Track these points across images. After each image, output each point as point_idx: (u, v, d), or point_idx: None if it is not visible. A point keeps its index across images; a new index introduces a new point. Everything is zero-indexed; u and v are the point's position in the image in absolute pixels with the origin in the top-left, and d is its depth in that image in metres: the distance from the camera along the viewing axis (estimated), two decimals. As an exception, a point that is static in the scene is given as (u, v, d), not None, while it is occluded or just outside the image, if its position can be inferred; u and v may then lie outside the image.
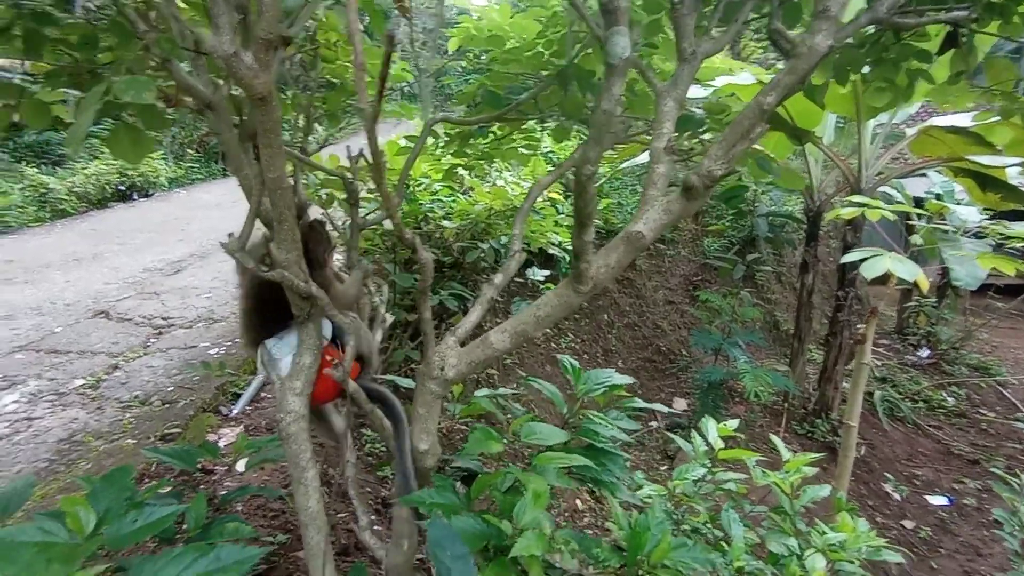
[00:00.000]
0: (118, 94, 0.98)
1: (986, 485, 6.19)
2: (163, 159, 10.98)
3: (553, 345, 6.36)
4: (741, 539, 2.31)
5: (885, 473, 6.46)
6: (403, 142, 3.04)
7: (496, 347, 1.54)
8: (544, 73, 2.20)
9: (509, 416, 1.84)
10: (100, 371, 3.91)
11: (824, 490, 2.69)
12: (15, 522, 1.38)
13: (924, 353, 8.94)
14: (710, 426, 2.81)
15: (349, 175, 1.87)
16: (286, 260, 1.45)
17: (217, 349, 4.22)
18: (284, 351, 1.69)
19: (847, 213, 3.80)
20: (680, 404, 6.86)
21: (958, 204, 6.03)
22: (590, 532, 3.67)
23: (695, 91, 3.25)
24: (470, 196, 3.96)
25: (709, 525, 2.56)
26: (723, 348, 6.46)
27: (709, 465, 2.68)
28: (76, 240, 7.34)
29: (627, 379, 2.12)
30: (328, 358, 1.70)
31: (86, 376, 3.84)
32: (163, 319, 4.84)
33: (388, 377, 2.44)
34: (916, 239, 3.88)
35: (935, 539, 5.64)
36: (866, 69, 1.93)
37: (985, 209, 5.58)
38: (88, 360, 4.09)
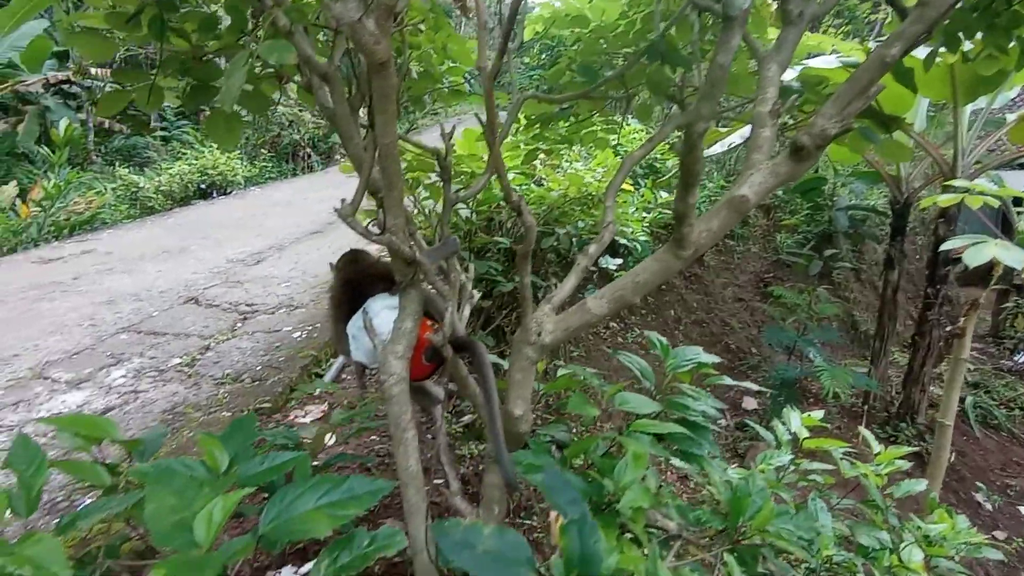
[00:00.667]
0: (264, 56, 1.06)
1: (1087, 497, 5.83)
2: (240, 159, 11.51)
3: (620, 340, 6.32)
4: (829, 528, 2.24)
5: (976, 482, 6.11)
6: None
7: (594, 312, 1.56)
8: (629, 50, 2.20)
9: (601, 387, 1.86)
10: (194, 351, 4.14)
11: (920, 484, 2.57)
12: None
13: (1021, 358, 8.42)
14: (793, 416, 2.72)
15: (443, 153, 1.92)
16: (394, 226, 1.52)
17: (299, 333, 4.40)
18: (378, 308, 1.78)
19: (945, 200, 3.61)
20: (751, 403, 6.69)
21: (1065, 198, 5.65)
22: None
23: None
24: (544, 185, 3.99)
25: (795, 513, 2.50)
26: (797, 346, 6.26)
27: (792, 455, 2.61)
28: (164, 234, 7.77)
29: (714, 358, 2.10)
30: (428, 323, 1.76)
31: (182, 355, 4.08)
32: (247, 305, 5.08)
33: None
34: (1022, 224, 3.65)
35: (1030, 553, 5.30)
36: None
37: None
38: (183, 341, 4.33)
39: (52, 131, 9.81)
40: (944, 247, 4.09)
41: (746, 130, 5.58)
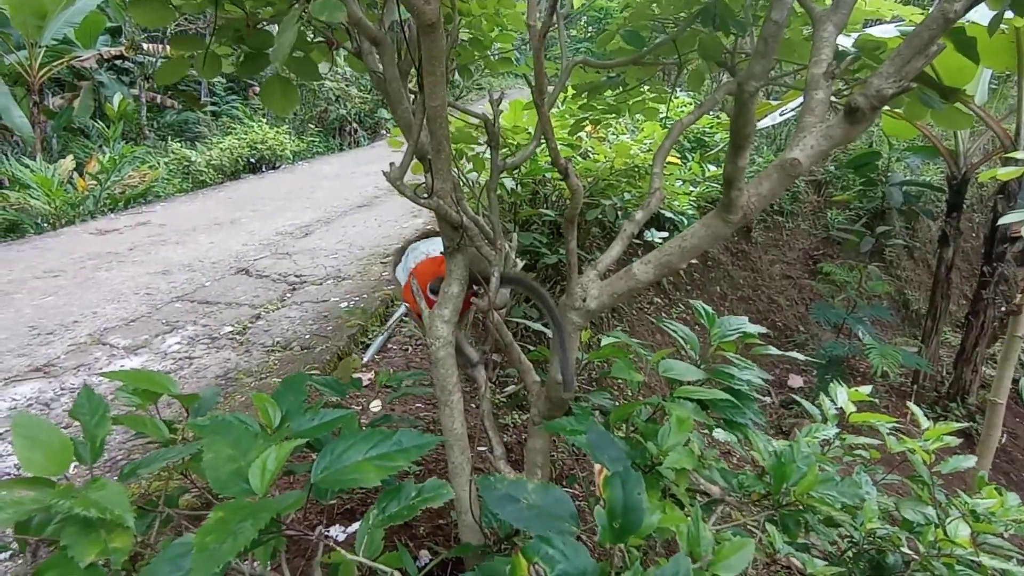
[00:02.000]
0: (315, 13, 1.08)
1: None
2: (288, 134, 11.71)
3: (664, 315, 6.28)
4: (874, 501, 2.21)
5: (1030, 466, 5.92)
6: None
7: (639, 278, 1.55)
8: (682, 15, 2.16)
9: (645, 355, 1.86)
10: (245, 320, 4.28)
11: (968, 460, 2.50)
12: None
13: (1081, 339, 8.07)
14: (840, 391, 2.67)
15: (491, 119, 1.93)
16: (441, 190, 1.54)
17: (346, 303, 4.50)
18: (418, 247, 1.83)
19: (1005, 173, 3.47)
20: (796, 381, 6.58)
21: None
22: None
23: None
24: (590, 157, 3.97)
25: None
26: (846, 323, 6.12)
27: (838, 430, 2.57)
28: (215, 207, 7.99)
29: (760, 328, 2.07)
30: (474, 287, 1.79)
31: (233, 324, 4.22)
32: (296, 276, 5.21)
33: (516, 320, 2.53)
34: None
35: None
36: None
37: None
38: (234, 310, 4.48)
39: (107, 106, 10.13)
40: (1003, 221, 3.93)
41: (797, 101, 5.41)
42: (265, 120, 11.73)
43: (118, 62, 11.18)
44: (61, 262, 5.63)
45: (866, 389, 2.63)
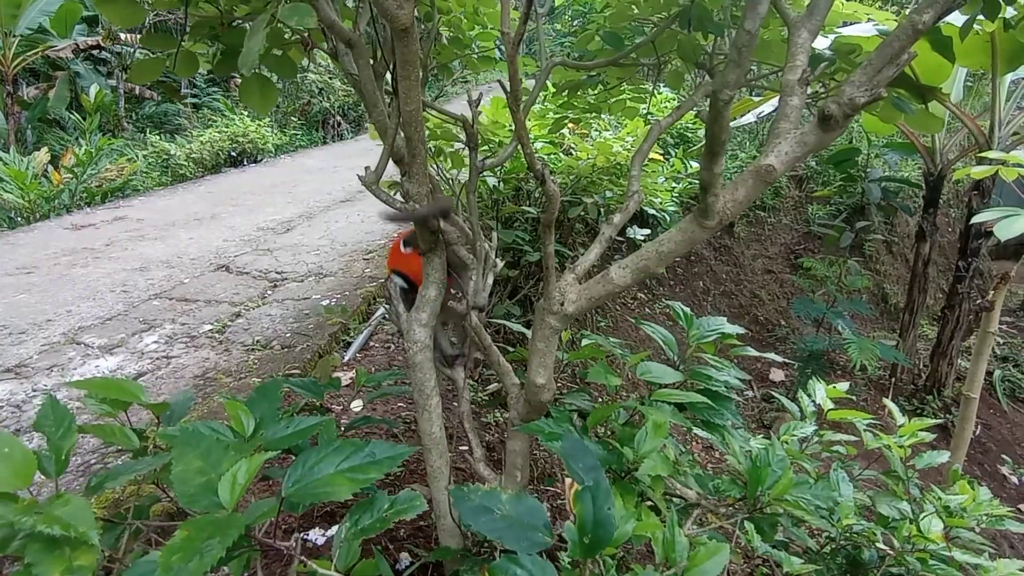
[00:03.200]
0: (283, 19, 1.06)
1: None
2: (270, 127, 11.57)
3: (647, 311, 6.31)
4: (851, 498, 2.24)
5: (1002, 455, 6.04)
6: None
7: (617, 282, 1.55)
8: (661, 16, 2.15)
9: (623, 356, 1.86)
10: (225, 318, 4.23)
11: (942, 456, 2.55)
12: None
13: (1051, 332, 8.27)
14: (818, 387, 2.71)
15: (469, 120, 1.91)
16: (418, 194, 1.52)
17: (328, 300, 4.46)
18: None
19: (978, 172, 3.51)
20: (778, 375, 6.65)
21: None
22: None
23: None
24: (573, 154, 3.96)
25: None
26: (826, 318, 6.19)
27: (816, 427, 2.60)
28: (195, 201, 7.88)
29: (738, 329, 2.09)
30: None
31: (213, 322, 4.17)
32: (277, 273, 5.16)
33: (497, 321, 2.52)
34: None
35: (1054, 530, 5.24)
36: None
37: None
38: (214, 308, 4.43)
39: (83, 97, 9.94)
40: (976, 219, 3.99)
41: (775, 101, 5.45)
42: (247, 113, 11.59)
43: (95, 52, 11.00)
44: (35, 258, 5.53)
45: (844, 386, 2.67)
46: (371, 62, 1.55)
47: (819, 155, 8.59)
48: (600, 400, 2.68)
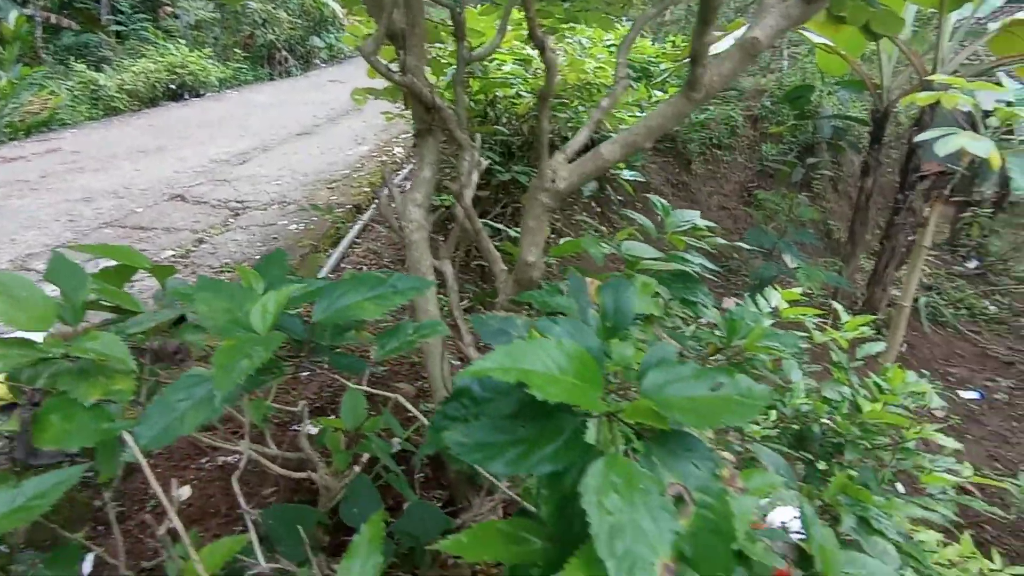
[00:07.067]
0: None
1: (1019, 384, 6.42)
2: (211, 58, 11.01)
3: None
4: (801, 383, 2.48)
5: (921, 370, 6.55)
6: None
7: (607, 157, 1.63)
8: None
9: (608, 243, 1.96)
10: (187, 244, 4.15)
11: (879, 345, 2.84)
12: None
13: (972, 264, 8.95)
14: (773, 294, 2.91)
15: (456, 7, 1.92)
16: (415, 67, 1.55)
17: (296, 225, 4.43)
18: None
19: (923, 98, 3.73)
20: (730, 304, 6.94)
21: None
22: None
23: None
24: (539, 75, 3.97)
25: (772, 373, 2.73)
26: (777, 248, 6.48)
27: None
28: (136, 134, 7.53)
29: (709, 223, 2.23)
30: None
31: (175, 248, 4.09)
32: (237, 202, 5.05)
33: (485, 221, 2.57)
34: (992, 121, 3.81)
35: (964, 427, 5.74)
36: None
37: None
38: (173, 235, 4.33)
39: (3, 24, 9.19)
40: (918, 138, 4.24)
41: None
42: (184, 43, 10.96)
43: (9, -25, 10.14)
44: (-37, 191, 5.24)
45: (797, 290, 2.89)
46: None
47: (774, 93, 8.83)
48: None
